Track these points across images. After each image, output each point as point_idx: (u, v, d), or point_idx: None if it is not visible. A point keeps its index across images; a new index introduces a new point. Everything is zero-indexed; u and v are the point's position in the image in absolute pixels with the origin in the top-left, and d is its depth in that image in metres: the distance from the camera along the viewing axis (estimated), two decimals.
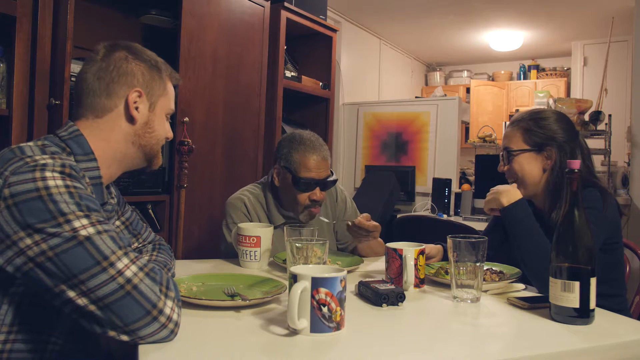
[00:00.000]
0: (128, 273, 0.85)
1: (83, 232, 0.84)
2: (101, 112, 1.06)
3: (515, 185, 1.50)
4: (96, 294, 0.83)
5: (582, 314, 1.02)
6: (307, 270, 0.98)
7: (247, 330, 0.95)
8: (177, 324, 0.89)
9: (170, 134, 1.18)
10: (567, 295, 1.02)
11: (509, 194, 1.44)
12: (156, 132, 1.13)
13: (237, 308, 1.07)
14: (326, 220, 1.81)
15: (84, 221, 0.86)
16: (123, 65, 1.07)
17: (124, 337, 0.85)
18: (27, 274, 0.85)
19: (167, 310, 0.87)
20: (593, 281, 1.03)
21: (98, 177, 1.05)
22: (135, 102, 1.08)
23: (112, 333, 0.85)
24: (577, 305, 1.02)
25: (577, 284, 1.02)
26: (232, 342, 0.90)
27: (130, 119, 1.08)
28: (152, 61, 1.12)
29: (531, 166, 1.50)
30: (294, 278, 0.92)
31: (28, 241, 0.83)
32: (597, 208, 1.38)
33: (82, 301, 0.83)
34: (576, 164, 1.07)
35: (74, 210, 0.86)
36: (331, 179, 1.71)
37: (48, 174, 0.87)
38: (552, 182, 1.49)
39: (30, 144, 0.97)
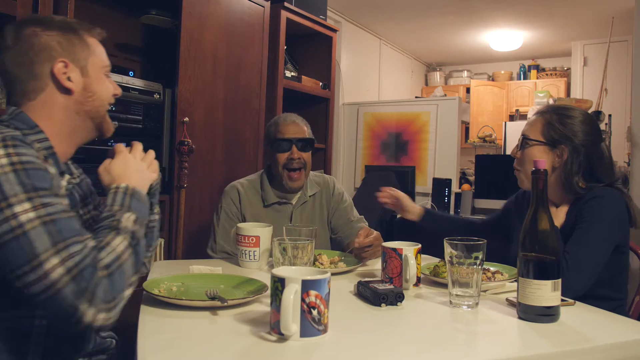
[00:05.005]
0: (55, 275, 0.82)
1: (23, 218, 0.83)
2: (33, 95, 1.03)
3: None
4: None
5: (549, 313, 1.02)
6: (295, 273, 0.93)
7: (226, 332, 0.94)
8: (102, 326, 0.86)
9: (117, 90, 1.13)
10: (535, 293, 1.02)
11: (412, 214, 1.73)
12: (97, 93, 1.09)
13: (214, 309, 1.05)
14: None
15: (26, 205, 0.84)
16: (35, 42, 1.02)
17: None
18: None
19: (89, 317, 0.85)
20: (558, 281, 1.03)
21: (51, 147, 1.02)
22: (64, 73, 1.03)
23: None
24: (545, 303, 1.02)
25: (545, 282, 1.02)
26: (210, 345, 0.88)
27: (66, 91, 1.04)
28: (63, 26, 1.06)
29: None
30: (280, 281, 0.88)
31: None
32: (613, 209, 1.39)
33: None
34: (542, 163, 1.07)
35: (17, 192, 0.85)
36: (307, 137, 1.91)
37: None
38: (556, 182, 1.48)
39: None
